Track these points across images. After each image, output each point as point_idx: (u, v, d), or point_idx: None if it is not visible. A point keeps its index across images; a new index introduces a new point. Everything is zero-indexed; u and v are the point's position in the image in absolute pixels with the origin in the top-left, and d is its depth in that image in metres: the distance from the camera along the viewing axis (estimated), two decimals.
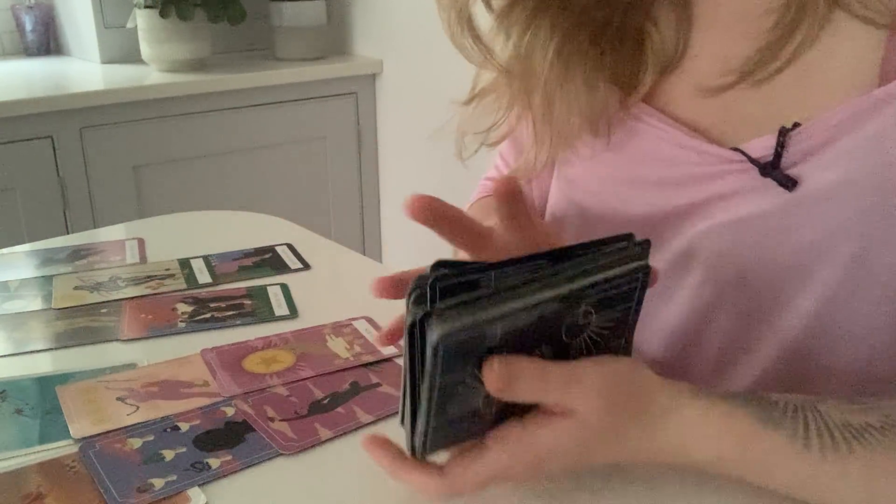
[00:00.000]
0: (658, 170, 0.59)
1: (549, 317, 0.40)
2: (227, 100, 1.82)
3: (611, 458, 0.44)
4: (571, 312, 0.41)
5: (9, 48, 2.08)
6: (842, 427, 0.42)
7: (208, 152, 1.82)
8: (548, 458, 0.42)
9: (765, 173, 0.51)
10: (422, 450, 0.41)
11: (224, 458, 0.48)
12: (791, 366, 0.54)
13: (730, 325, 0.56)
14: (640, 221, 0.60)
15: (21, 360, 0.61)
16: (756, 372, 0.55)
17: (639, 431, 0.43)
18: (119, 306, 0.70)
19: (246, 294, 0.73)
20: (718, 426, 0.43)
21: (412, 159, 1.99)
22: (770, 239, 0.52)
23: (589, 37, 0.59)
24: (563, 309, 0.41)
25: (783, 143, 0.50)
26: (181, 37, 1.82)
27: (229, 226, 0.91)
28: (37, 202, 1.62)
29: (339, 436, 0.51)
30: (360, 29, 2.07)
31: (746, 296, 0.54)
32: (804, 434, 0.42)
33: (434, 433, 0.41)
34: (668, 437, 0.43)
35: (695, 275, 0.57)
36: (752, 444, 0.42)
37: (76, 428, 0.52)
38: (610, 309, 0.43)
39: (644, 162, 0.60)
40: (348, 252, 0.84)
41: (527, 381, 0.40)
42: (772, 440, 0.42)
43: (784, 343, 0.53)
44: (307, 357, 0.61)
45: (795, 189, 0.50)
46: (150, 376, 0.58)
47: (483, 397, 0.40)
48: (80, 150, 1.65)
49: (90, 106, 1.64)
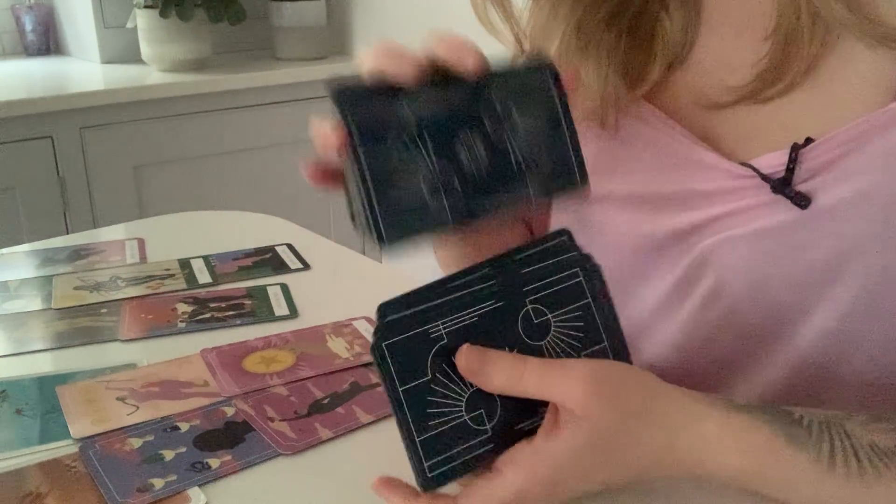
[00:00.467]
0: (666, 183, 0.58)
1: (492, 314, 0.42)
2: (227, 100, 1.82)
3: (631, 470, 0.42)
4: (516, 310, 0.43)
5: (9, 48, 2.08)
6: (868, 449, 0.41)
7: (208, 152, 1.82)
8: (563, 475, 0.41)
9: (776, 190, 0.50)
10: (427, 481, 0.41)
11: (224, 458, 0.48)
12: (801, 378, 0.52)
13: (738, 341, 0.54)
14: (647, 234, 0.59)
15: (21, 360, 0.61)
16: (764, 384, 0.54)
17: (652, 435, 0.42)
18: (119, 306, 0.70)
19: (246, 294, 0.73)
20: (739, 441, 0.42)
21: None
22: (782, 255, 0.50)
23: (606, 18, 0.59)
24: (507, 306, 0.42)
25: (795, 158, 0.49)
26: (181, 37, 1.82)
27: (229, 226, 0.91)
28: (37, 202, 1.62)
29: (339, 436, 0.51)
30: (360, 29, 2.07)
31: (757, 312, 0.52)
32: (829, 455, 0.41)
33: (429, 454, 0.41)
34: (688, 449, 0.42)
35: (703, 289, 0.55)
36: (775, 463, 0.41)
37: (76, 428, 0.52)
38: (564, 307, 0.44)
39: (651, 171, 0.59)
40: (348, 252, 0.84)
41: (500, 365, 0.40)
42: (795, 459, 0.41)
43: (795, 358, 0.52)
44: (307, 357, 0.61)
45: (808, 206, 0.49)
46: (150, 376, 0.58)
47: (466, 406, 0.41)
48: (80, 150, 1.65)
49: (90, 106, 1.64)
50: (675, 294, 0.57)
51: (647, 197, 0.59)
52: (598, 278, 0.45)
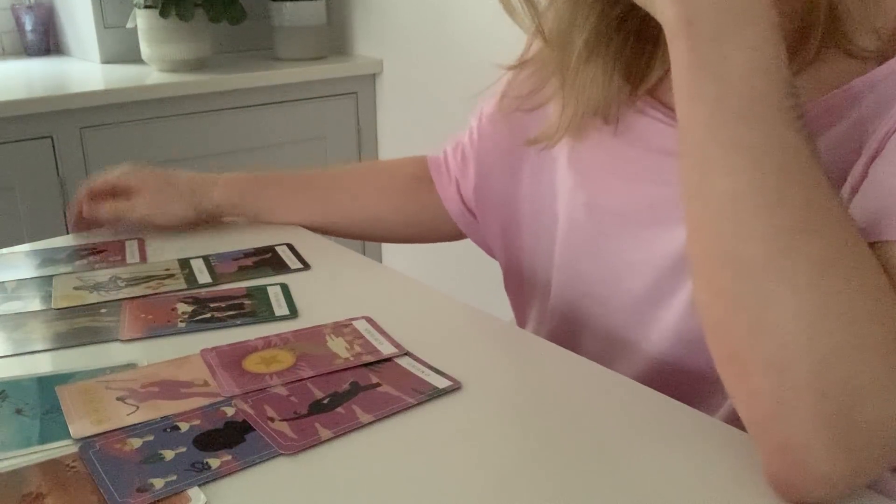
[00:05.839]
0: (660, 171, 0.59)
1: None
2: (227, 100, 1.82)
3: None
4: None
5: (9, 48, 2.08)
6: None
7: (208, 152, 1.82)
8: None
9: None
10: None
11: (224, 458, 0.48)
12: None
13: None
14: (646, 219, 0.61)
15: (21, 360, 0.61)
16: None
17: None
18: (119, 306, 0.70)
19: (246, 294, 0.73)
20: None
21: None
22: None
23: (619, 19, 0.60)
24: None
25: None
26: (181, 37, 1.82)
27: (229, 226, 0.91)
28: (37, 202, 1.62)
29: (339, 436, 0.51)
30: (360, 29, 2.07)
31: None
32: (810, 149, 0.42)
33: None
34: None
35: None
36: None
37: (76, 428, 0.52)
38: None
39: (645, 159, 0.61)
40: (348, 252, 0.84)
41: None
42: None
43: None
44: (307, 357, 0.61)
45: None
46: (150, 376, 0.58)
47: None
48: (80, 150, 1.65)
49: (90, 106, 1.64)
50: (668, 283, 0.59)
51: (642, 174, 0.61)
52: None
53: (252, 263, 0.80)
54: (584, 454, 0.49)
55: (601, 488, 0.46)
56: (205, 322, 0.67)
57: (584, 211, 0.68)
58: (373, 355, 0.61)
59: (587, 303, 0.68)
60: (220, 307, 0.70)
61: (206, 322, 0.67)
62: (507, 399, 0.56)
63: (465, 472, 0.47)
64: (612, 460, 0.48)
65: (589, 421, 0.52)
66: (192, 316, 0.68)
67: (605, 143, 0.66)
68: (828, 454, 0.40)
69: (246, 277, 0.77)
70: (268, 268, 0.79)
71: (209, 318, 0.68)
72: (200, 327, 0.66)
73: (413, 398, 0.55)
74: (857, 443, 0.40)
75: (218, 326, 0.66)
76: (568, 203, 0.70)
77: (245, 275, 0.77)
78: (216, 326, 0.66)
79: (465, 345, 0.63)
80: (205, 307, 0.70)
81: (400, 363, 0.60)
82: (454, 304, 0.71)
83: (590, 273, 0.68)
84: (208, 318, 0.68)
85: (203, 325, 0.67)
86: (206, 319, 0.68)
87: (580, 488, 0.46)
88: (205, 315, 0.68)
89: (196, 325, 0.67)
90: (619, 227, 0.64)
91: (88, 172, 1.67)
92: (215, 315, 0.68)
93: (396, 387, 0.56)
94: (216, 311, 0.69)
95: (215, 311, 0.69)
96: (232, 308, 0.70)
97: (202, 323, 0.67)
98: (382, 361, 0.60)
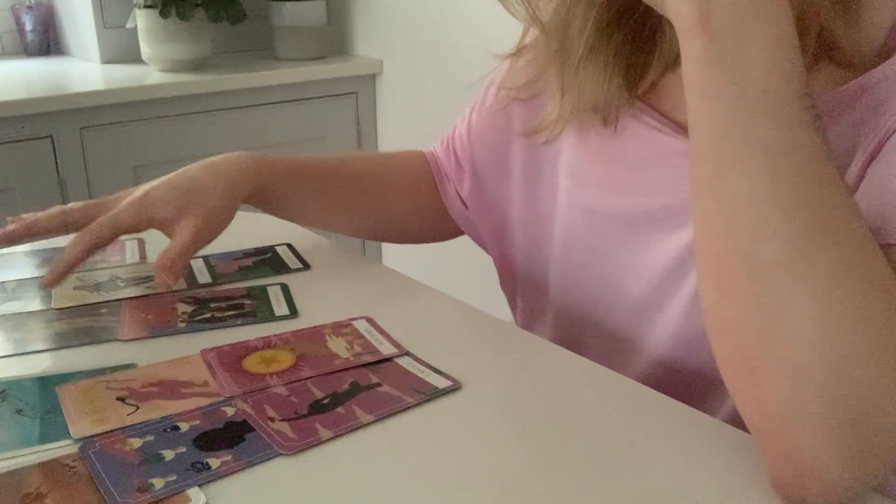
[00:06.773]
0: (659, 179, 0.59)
1: None
2: (227, 100, 1.82)
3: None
4: None
5: (9, 48, 2.08)
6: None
7: (208, 152, 1.80)
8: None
9: None
10: None
11: (224, 458, 0.48)
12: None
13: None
14: (645, 224, 0.61)
15: (21, 360, 0.61)
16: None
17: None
18: (119, 306, 0.70)
19: (246, 294, 0.73)
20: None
21: None
22: None
23: (617, 17, 0.60)
24: None
25: None
26: (181, 37, 1.82)
27: (229, 226, 0.91)
28: (37, 202, 1.61)
29: (339, 436, 0.51)
30: (360, 29, 2.07)
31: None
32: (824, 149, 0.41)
33: None
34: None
35: (693, 281, 0.56)
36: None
37: (76, 428, 0.52)
38: None
39: (643, 166, 0.61)
40: (348, 252, 0.84)
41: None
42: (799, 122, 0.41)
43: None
44: (307, 357, 0.61)
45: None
46: (150, 376, 0.58)
47: None
48: (80, 150, 1.65)
49: (90, 106, 1.64)
50: (666, 286, 0.59)
51: (636, 182, 0.61)
52: None
53: (252, 263, 0.80)
54: (584, 454, 0.49)
55: (602, 488, 0.46)
56: (205, 322, 0.67)
57: (582, 216, 0.67)
58: (373, 355, 0.61)
59: (588, 306, 0.68)
60: (220, 307, 0.70)
61: (206, 322, 0.67)
62: (507, 399, 0.56)
63: (465, 472, 0.47)
64: (613, 460, 0.48)
65: (589, 421, 0.52)
66: (192, 316, 0.68)
67: (603, 147, 0.65)
68: (839, 461, 0.39)
69: (246, 277, 0.77)
70: (268, 268, 0.79)
71: (209, 318, 0.68)
72: (200, 327, 0.66)
73: (413, 398, 0.55)
74: (868, 449, 0.39)
75: (218, 326, 0.66)
76: (566, 207, 0.69)
77: (245, 275, 0.77)
78: (216, 326, 0.66)
79: (465, 345, 0.63)
80: (205, 307, 0.70)
81: (400, 363, 0.60)
82: (454, 304, 0.71)
83: (590, 277, 0.68)
84: (208, 318, 0.68)
85: (203, 325, 0.67)
86: (206, 319, 0.68)
87: (580, 488, 0.46)
88: (205, 315, 0.68)
89: (196, 325, 0.67)
90: (619, 231, 0.64)
91: (88, 172, 1.67)
92: (215, 315, 0.68)
93: (396, 387, 0.56)
94: (216, 311, 0.69)
95: (215, 311, 0.69)
96: (232, 308, 0.70)
97: (202, 323, 0.67)
98: (382, 361, 0.60)
